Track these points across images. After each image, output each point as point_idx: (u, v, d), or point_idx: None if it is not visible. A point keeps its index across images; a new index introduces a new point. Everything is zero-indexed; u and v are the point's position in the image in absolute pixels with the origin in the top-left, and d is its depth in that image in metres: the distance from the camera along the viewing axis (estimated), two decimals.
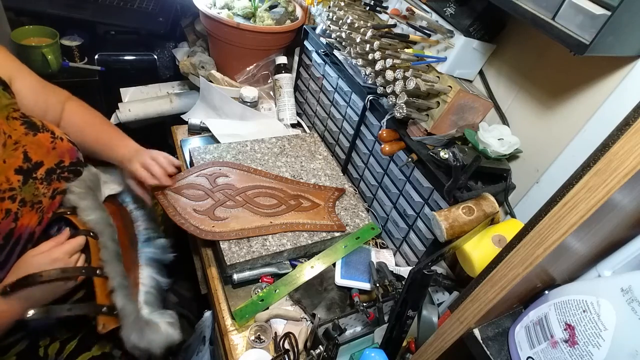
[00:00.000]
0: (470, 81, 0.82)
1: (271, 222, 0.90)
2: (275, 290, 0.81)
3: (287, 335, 0.74)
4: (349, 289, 0.84)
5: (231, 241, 0.84)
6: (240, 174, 1.00)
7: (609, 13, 0.48)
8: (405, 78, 0.75)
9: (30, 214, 0.68)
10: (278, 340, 0.74)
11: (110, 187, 0.89)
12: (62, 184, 0.75)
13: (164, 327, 0.75)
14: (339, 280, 0.84)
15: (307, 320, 0.79)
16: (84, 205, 0.76)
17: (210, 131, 1.16)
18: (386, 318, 0.77)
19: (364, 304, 0.78)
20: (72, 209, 0.76)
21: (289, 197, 0.97)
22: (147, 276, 0.84)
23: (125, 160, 0.85)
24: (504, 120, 0.77)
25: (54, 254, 0.67)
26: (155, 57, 1.54)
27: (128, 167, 0.85)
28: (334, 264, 0.88)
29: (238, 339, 0.76)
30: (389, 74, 0.78)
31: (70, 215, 0.75)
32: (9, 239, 0.65)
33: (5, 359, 0.67)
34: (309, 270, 0.86)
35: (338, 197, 1.00)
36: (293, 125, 1.28)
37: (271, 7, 1.31)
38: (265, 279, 0.84)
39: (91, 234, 0.74)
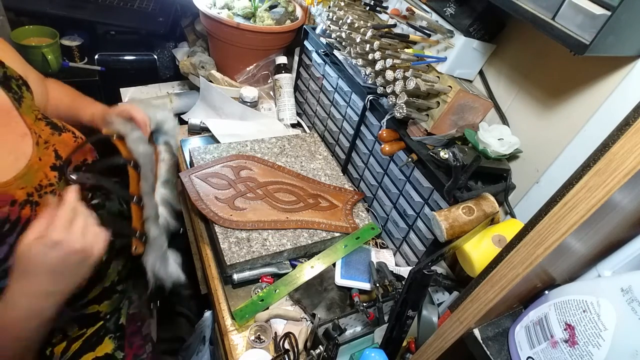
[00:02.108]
0: (470, 81, 0.82)
1: (287, 218, 0.92)
2: (275, 290, 0.81)
3: (287, 335, 0.74)
4: (349, 289, 0.84)
5: (231, 241, 0.84)
6: (263, 168, 1.03)
7: (609, 13, 0.48)
8: (405, 78, 0.75)
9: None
10: (278, 340, 0.74)
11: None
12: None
13: (174, 264, 0.75)
14: (339, 280, 0.84)
15: (307, 320, 0.79)
16: (135, 136, 0.77)
17: (210, 131, 1.16)
18: (386, 318, 0.77)
19: (364, 304, 0.78)
20: (119, 136, 0.75)
21: (308, 196, 0.99)
22: (160, 215, 0.84)
23: (96, 115, 0.84)
24: (504, 120, 0.77)
25: (53, 237, 0.55)
26: (155, 57, 1.54)
27: (105, 115, 0.80)
28: (334, 264, 0.88)
29: (238, 339, 0.76)
30: (389, 74, 0.78)
31: (117, 140, 0.75)
32: None
33: None
34: (309, 270, 0.86)
35: (357, 201, 1.02)
36: (293, 125, 1.28)
37: (271, 7, 1.31)
38: (265, 279, 0.84)
39: (132, 163, 0.74)
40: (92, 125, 0.84)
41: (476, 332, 0.50)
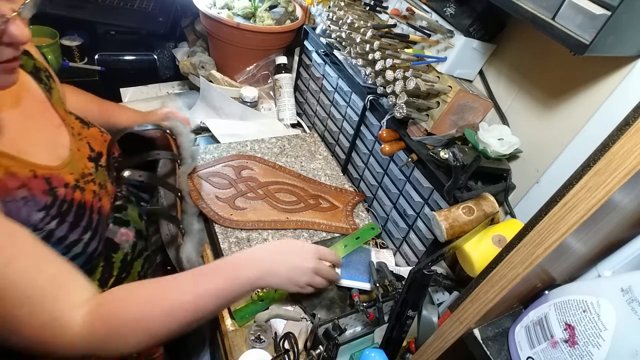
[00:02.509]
0: (470, 81, 0.82)
1: (287, 218, 0.92)
2: (275, 290, 0.81)
3: (287, 335, 0.74)
4: (349, 289, 0.84)
5: (231, 241, 0.84)
6: (264, 168, 1.03)
7: (609, 13, 0.48)
8: (405, 78, 0.75)
9: (105, 197, 0.73)
10: (278, 340, 0.74)
11: None
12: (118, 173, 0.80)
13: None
14: (339, 280, 0.84)
15: (307, 320, 0.79)
16: (189, 136, 0.89)
17: (210, 131, 1.16)
18: (386, 318, 0.77)
19: (364, 304, 0.78)
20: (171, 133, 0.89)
21: (309, 196, 0.99)
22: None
23: (132, 118, 0.94)
24: (504, 120, 0.77)
25: (319, 271, 0.73)
26: (155, 57, 1.54)
27: (166, 114, 0.94)
28: (333, 265, 0.88)
29: (238, 339, 0.76)
30: (389, 74, 0.78)
31: (170, 136, 0.87)
32: (99, 215, 0.69)
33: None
34: None
35: (358, 202, 1.01)
36: (293, 125, 1.28)
37: (271, 7, 1.31)
38: None
39: (178, 161, 0.87)
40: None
41: (476, 332, 0.50)
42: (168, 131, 0.88)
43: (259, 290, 0.82)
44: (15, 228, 0.53)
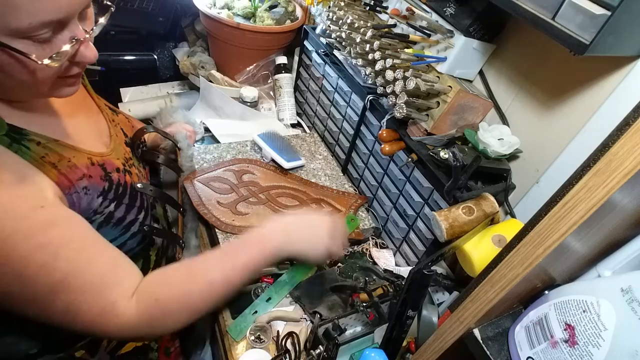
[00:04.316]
0: (470, 81, 0.82)
1: None
2: (267, 299, 0.80)
3: (290, 334, 0.74)
4: (349, 291, 0.84)
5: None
6: (266, 172, 1.03)
7: (609, 13, 0.48)
8: (405, 78, 0.75)
9: (144, 180, 0.77)
10: (280, 339, 0.74)
11: None
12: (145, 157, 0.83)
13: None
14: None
15: (307, 321, 0.79)
16: (189, 152, 0.91)
17: (210, 131, 1.16)
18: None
19: (364, 304, 0.78)
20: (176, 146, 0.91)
21: (311, 200, 0.98)
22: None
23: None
24: (504, 120, 0.77)
25: (338, 238, 0.74)
26: (155, 57, 1.54)
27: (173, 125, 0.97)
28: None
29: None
30: (389, 74, 0.78)
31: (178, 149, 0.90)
32: (145, 195, 0.72)
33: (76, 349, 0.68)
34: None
35: (360, 205, 1.01)
36: (293, 125, 1.28)
37: (271, 7, 1.31)
38: (265, 279, 0.84)
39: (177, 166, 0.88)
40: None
41: (476, 332, 0.50)
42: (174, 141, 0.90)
43: (259, 290, 0.82)
44: (78, 220, 0.56)
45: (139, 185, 0.72)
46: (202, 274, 0.63)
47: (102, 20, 0.56)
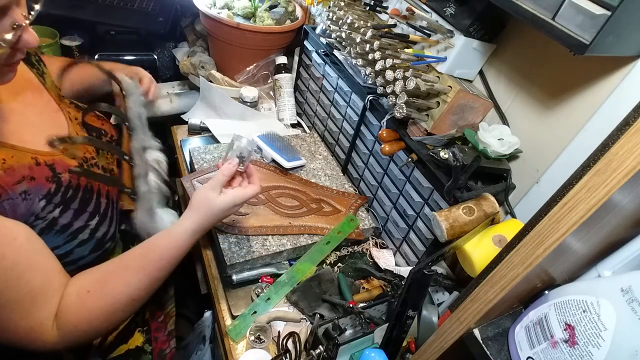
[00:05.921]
0: (470, 81, 0.82)
1: (290, 223, 0.91)
2: (267, 300, 0.80)
3: (292, 334, 0.74)
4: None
5: (231, 241, 0.84)
6: (266, 172, 1.02)
7: (609, 13, 0.48)
8: (405, 78, 0.75)
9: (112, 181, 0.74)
10: (281, 339, 0.74)
11: None
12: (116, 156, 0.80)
13: (165, 222, 0.80)
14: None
15: (306, 321, 0.79)
16: (134, 98, 0.84)
17: (210, 131, 1.16)
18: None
19: (364, 311, 0.78)
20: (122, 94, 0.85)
21: (311, 201, 0.98)
22: (152, 179, 0.87)
23: (115, 68, 0.90)
24: (504, 120, 0.77)
25: (248, 193, 0.75)
26: (155, 57, 1.54)
27: (116, 69, 0.89)
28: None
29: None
30: (389, 74, 0.78)
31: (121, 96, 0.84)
32: (107, 199, 0.71)
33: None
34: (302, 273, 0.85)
35: (360, 205, 1.01)
36: (293, 125, 1.28)
37: (271, 7, 1.31)
38: (265, 279, 0.84)
39: (126, 123, 0.82)
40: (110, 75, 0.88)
41: (476, 332, 0.50)
42: (119, 85, 0.85)
43: (259, 290, 0.82)
44: (12, 230, 0.53)
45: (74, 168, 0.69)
46: (122, 291, 0.63)
47: (38, 6, 0.54)
